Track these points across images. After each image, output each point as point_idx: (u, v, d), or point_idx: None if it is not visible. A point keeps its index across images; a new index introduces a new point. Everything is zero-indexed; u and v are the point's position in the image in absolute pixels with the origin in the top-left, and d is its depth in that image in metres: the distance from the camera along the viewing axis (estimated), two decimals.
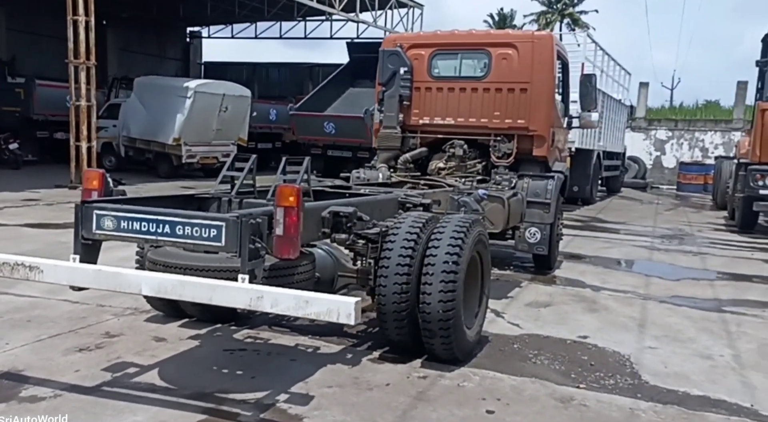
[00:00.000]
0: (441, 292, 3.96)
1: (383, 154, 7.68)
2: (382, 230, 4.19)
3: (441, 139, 7.56)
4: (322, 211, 3.86)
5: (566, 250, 8.89)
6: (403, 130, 7.62)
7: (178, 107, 16.52)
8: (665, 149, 25.63)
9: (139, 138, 17.43)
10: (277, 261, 3.45)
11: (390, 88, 7.53)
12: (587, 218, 13.21)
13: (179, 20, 30.02)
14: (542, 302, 6.06)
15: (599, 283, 7.03)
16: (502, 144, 7.28)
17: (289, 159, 4.48)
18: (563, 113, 8.08)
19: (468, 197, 5.41)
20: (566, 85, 8.19)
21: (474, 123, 7.37)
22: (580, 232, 10.99)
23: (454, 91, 7.43)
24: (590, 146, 15.15)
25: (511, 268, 7.64)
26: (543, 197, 6.99)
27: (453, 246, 4.05)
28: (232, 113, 17.54)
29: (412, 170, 7.61)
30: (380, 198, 4.73)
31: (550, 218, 7.00)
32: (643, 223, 12.78)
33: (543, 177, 7.14)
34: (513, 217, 6.27)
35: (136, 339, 4.32)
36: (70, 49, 13.41)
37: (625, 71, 19.95)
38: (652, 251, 9.38)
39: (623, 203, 17.47)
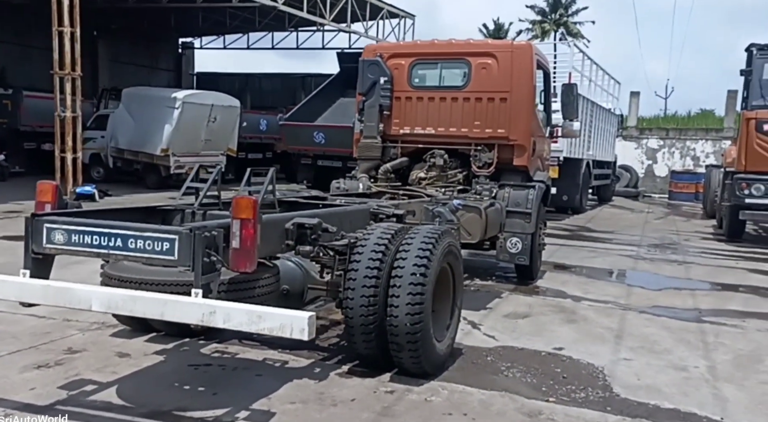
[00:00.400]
0: (408, 304, 3.90)
1: (364, 164, 7.63)
2: (351, 241, 4.13)
3: (422, 149, 7.52)
4: (285, 223, 3.79)
5: (551, 260, 8.83)
6: (384, 140, 7.58)
7: (167, 118, 16.47)
8: (657, 158, 25.67)
9: (127, 149, 17.37)
10: (236, 275, 3.39)
11: (370, 98, 7.49)
12: (575, 228, 13.17)
13: (171, 31, 30.03)
14: (521, 313, 5.99)
15: (581, 293, 6.96)
16: (483, 154, 7.24)
17: (255, 170, 4.42)
18: (545, 123, 8.06)
19: (443, 208, 5.36)
20: (548, 94, 8.17)
21: (454, 133, 7.33)
22: (567, 242, 10.94)
23: (435, 100, 7.40)
24: (579, 155, 15.13)
25: (493, 278, 7.57)
26: (524, 206, 6.94)
27: (421, 258, 3.99)
28: (220, 123, 17.50)
29: (393, 181, 7.56)
30: (350, 209, 4.67)
31: (531, 228, 6.94)
32: (631, 232, 12.74)
33: (524, 187, 7.09)
34: (491, 227, 6.21)
35: (99, 354, 4.24)
36: (56, 60, 13.35)
37: (615, 80, 20.01)
38: (637, 261, 9.33)
39: (613, 212, 17.45)
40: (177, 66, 32.61)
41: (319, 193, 6.34)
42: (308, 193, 6.20)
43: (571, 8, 51.03)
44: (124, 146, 17.41)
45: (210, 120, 17.19)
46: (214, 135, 17.58)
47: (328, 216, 4.21)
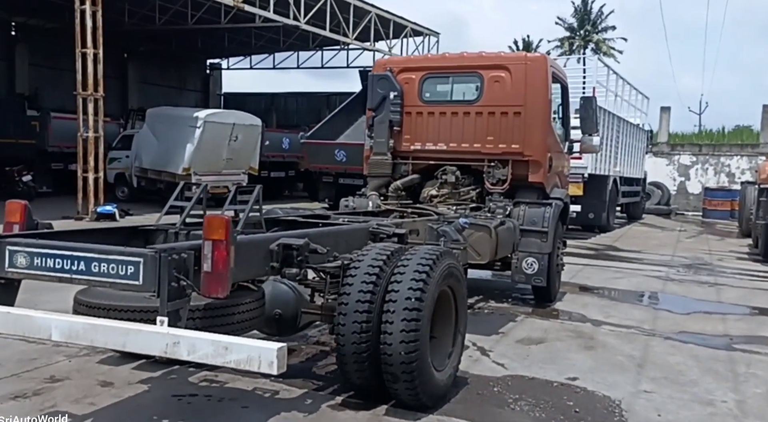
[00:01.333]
0: (403, 331, 3.62)
1: (374, 181, 7.40)
2: (343, 263, 3.88)
3: (433, 165, 7.26)
4: (269, 243, 3.56)
5: (573, 280, 8.45)
6: (394, 156, 7.35)
7: (188, 137, 16.52)
8: (689, 175, 24.93)
9: (151, 168, 17.46)
10: (213, 301, 3.16)
11: (380, 114, 7.28)
12: (601, 247, 12.70)
13: (198, 53, 30.49)
14: (535, 338, 5.64)
15: (602, 317, 6.58)
16: (497, 170, 6.95)
17: (241, 188, 4.21)
18: (563, 138, 7.74)
19: (448, 227, 5.08)
20: (566, 108, 7.86)
21: (467, 148, 7.07)
22: (591, 261, 10.51)
23: (446, 115, 7.15)
24: (605, 172, 14.68)
25: (509, 300, 7.22)
26: (540, 225, 6.62)
27: (417, 281, 3.71)
28: (242, 142, 17.49)
29: (403, 198, 7.31)
30: (346, 228, 4.43)
31: (548, 247, 6.61)
32: (660, 251, 12.22)
33: (540, 204, 6.77)
34: (502, 247, 5.90)
35: (81, 383, 4.04)
36: (79, 81, 13.50)
37: (643, 95, 19.51)
38: (666, 282, 8.86)
39: (643, 230, 16.88)
40: (205, 87, 33.07)
41: (323, 211, 6.12)
42: (312, 211, 5.96)
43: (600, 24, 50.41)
44: (147, 166, 17.52)
45: (231, 139, 17.19)
46: (235, 154, 17.57)
47: (319, 236, 3.97)
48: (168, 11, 21.17)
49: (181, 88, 31.20)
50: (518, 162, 6.88)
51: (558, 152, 7.41)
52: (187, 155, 16.58)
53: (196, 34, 25.96)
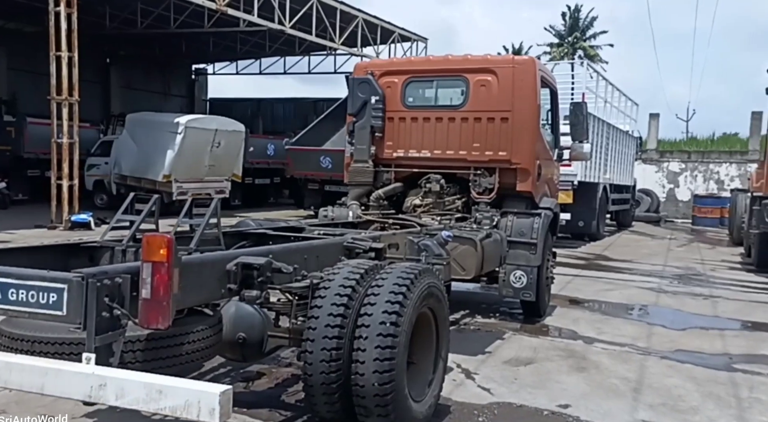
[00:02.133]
0: (377, 360, 3.24)
1: (354, 190, 7.03)
2: (312, 282, 3.51)
3: (417, 173, 6.91)
4: (226, 263, 3.17)
5: (563, 293, 8.11)
6: (376, 164, 6.98)
7: (169, 143, 16.06)
8: (679, 182, 24.76)
9: (130, 175, 16.96)
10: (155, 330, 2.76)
11: (361, 119, 6.92)
12: (591, 256, 12.39)
13: (183, 57, 30.00)
14: (524, 359, 5.28)
15: (594, 333, 6.23)
16: (483, 178, 6.61)
17: (197, 200, 3.83)
18: (552, 145, 7.41)
19: (430, 240, 4.71)
20: (555, 114, 7.54)
21: (452, 156, 6.72)
22: (581, 272, 10.18)
23: (430, 121, 6.80)
24: (594, 179, 14.40)
25: (497, 315, 6.86)
26: (528, 236, 6.28)
27: (392, 303, 3.34)
28: (225, 148, 17.07)
29: (386, 208, 6.95)
30: (318, 243, 4.05)
31: (537, 259, 6.26)
32: (651, 261, 11.93)
33: (529, 214, 6.43)
34: (489, 261, 5.53)
35: (19, 418, 3.62)
36: (53, 85, 13.05)
37: (632, 102, 19.30)
38: (659, 295, 8.54)
39: (633, 238, 16.61)
40: (190, 92, 32.56)
41: (298, 223, 5.75)
42: (286, 223, 5.58)
43: (589, 31, 50.42)
44: (127, 173, 17.02)
45: (214, 145, 16.76)
46: (218, 160, 17.13)
47: (284, 253, 3.60)
48: (150, 15, 20.71)
49: (166, 94, 30.67)
50: (506, 170, 6.54)
51: (547, 160, 7.08)
52: (167, 161, 16.12)
53: (180, 39, 25.49)
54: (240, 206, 20.22)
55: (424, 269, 3.72)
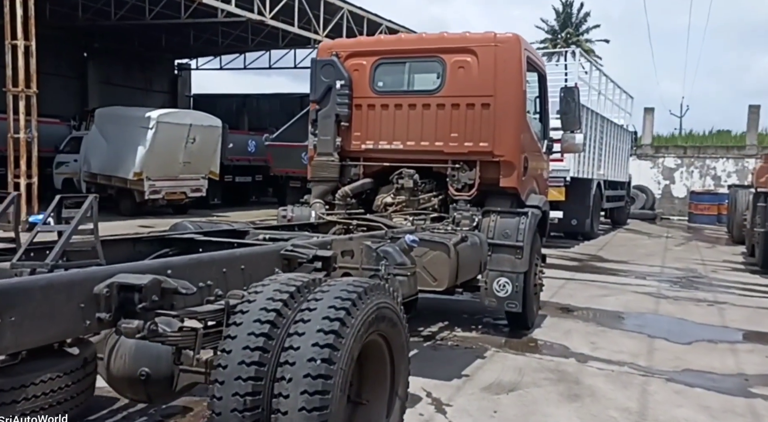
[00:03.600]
0: (303, 410, 2.45)
1: (318, 187, 6.24)
2: (230, 304, 2.73)
3: (388, 167, 6.12)
4: (96, 283, 2.37)
5: (553, 299, 7.35)
6: (342, 157, 6.20)
7: (140, 139, 15.20)
8: (674, 178, 24.06)
9: (100, 173, 16.10)
10: None
11: (325, 107, 6.13)
12: (585, 257, 11.62)
13: (165, 52, 29.08)
14: (507, 383, 4.50)
15: (588, 349, 5.46)
16: (462, 173, 5.83)
17: (66, 199, 3.04)
18: (540, 135, 6.64)
19: (391, 246, 3.92)
20: (544, 101, 6.77)
21: (427, 147, 5.93)
22: (574, 275, 9.42)
23: (402, 108, 6.01)
24: (588, 175, 13.65)
25: (479, 328, 6.09)
26: (514, 238, 5.51)
27: (326, 333, 2.55)
28: (200, 144, 16.21)
29: (354, 207, 6.17)
30: (242, 253, 3.24)
31: (524, 265, 5.49)
32: (649, 262, 11.17)
33: (514, 213, 5.66)
34: (465, 269, 4.74)
35: None
36: (9, 76, 12.18)
37: (627, 95, 18.55)
38: (658, 301, 7.77)
39: (628, 237, 15.87)
40: (173, 88, 31.63)
41: (244, 226, 4.95)
42: (230, 226, 4.77)
43: (582, 26, 49.67)
44: (96, 170, 16.14)
45: (188, 141, 15.89)
46: (193, 157, 16.28)
47: (192, 266, 2.81)
48: (124, 5, 19.84)
49: (147, 90, 29.73)
50: (487, 163, 5.76)
51: (535, 152, 6.31)
52: (138, 158, 15.26)
53: (160, 31, 24.60)
54: (219, 206, 19.39)
55: (373, 285, 2.92)
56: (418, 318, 6.12)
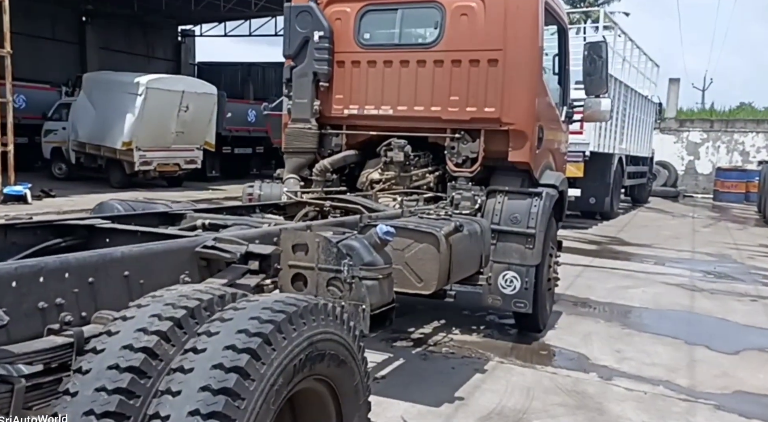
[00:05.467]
0: None
1: (292, 159, 5.27)
2: (81, 339, 1.81)
3: (376, 137, 5.11)
4: None
5: (569, 292, 6.39)
6: (322, 124, 5.20)
7: (128, 106, 14.26)
8: (699, 153, 22.75)
9: (88, 142, 15.21)
10: None
11: (300, 63, 5.12)
12: (605, 239, 10.58)
13: (167, 17, 27.93)
14: (510, 411, 3.55)
15: (613, 360, 4.49)
16: (463, 144, 4.82)
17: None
18: (559, 100, 5.59)
19: (357, 240, 2.92)
20: (564, 59, 5.70)
21: (422, 113, 4.91)
22: (593, 260, 8.41)
23: (393, 65, 4.98)
24: (610, 150, 12.53)
25: (481, 329, 5.13)
26: (524, 224, 4.53)
27: (215, 392, 1.61)
28: (194, 112, 15.24)
29: (335, 184, 5.19)
30: (124, 253, 2.26)
31: (536, 257, 4.52)
32: (676, 246, 10.10)
33: (525, 194, 4.67)
34: (460, 266, 3.73)
35: None
36: None
37: (653, 63, 17.22)
38: (693, 295, 6.75)
39: (651, 217, 14.76)
40: (176, 55, 30.53)
41: (185, 207, 3.99)
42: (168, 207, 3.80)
43: None
44: (84, 139, 15.26)
45: (181, 109, 14.93)
46: (187, 127, 15.32)
47: (24, 278, 1.85)
48: None
49: (150, 57, 28.67)
50: (494, 133, 4.73)
51: (551, 120, 5.26)
52: (127, 126, 14.34)
53: None
54: (217, 178, 18.51)
55: (308, 307, 1.95)
56: (409, 314, 5.18)
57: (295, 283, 2.90)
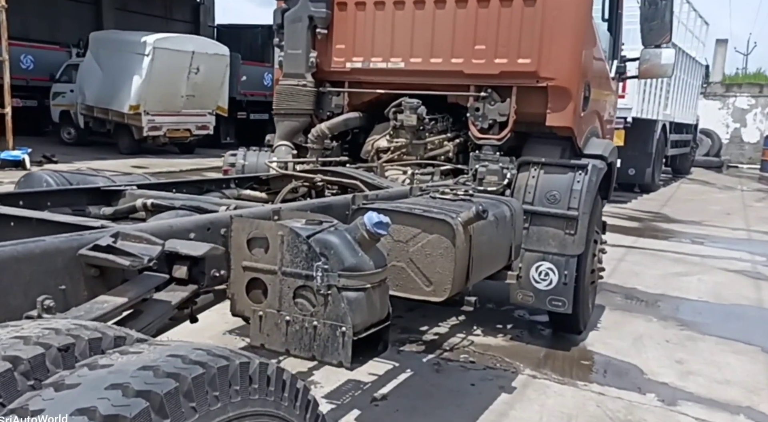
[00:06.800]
0: None
1: (285, 123, 4.42)
2: None
3: (384, 96, 4.22)
4: None
5: (612, 280, 5.48)
6: (320, 81, 4.32)
7: (135, 68, 13.50)
8: (746, 120, 21.27)
9: (96, 106, 14.53)
10: None
11: (294, 6, 4.23)
12: (647, 215, 9.57)
13: None
14: None
15: (674, 376, 3.61)
16: (490, 105, 3.90)
17: None
18: (611, 53, 4.61)
19: (336, 234, 2.05)
20: (616, 3, 4.69)
21: (439, 67, 3.99)
22: (636, 240, 7.45)
23: (405, 7, 4.05)
24: (653, 116, 11.39)
25: (507, 329, 4.28)
26: (564, 204, 3.65)
27: None
28: (205, 75, 14.42)
29: (334, 152, 4.34)
30: None
31: (578, 245, 3.64)
32: (729, 223, 9.06)
33: (566, 167, 3.77)
34: (481, 262, 2.84)
35: None
36: None
37: (703, 20, 15.77)
38: (759, 284, 5.78)
39: (695, 189, 13.62)
40: (195, 17, 29.56)
41: (127, 181, 3.17)
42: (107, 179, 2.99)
43: None
44: (92, 103, 14.59)
45: (191, 71, 14.13)
46: (197, 90, 14.53)
47: None
48: None
49: (167, 18, 27.77)
50: (529, 91, 3.80)
51: (601, 77, 4.31)
52: (134, 89, 13.60)
53: None
54: (232, 145, 17.75)
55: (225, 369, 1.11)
56: (422, 308, 4.35)
57: (252, 292, 2.08)
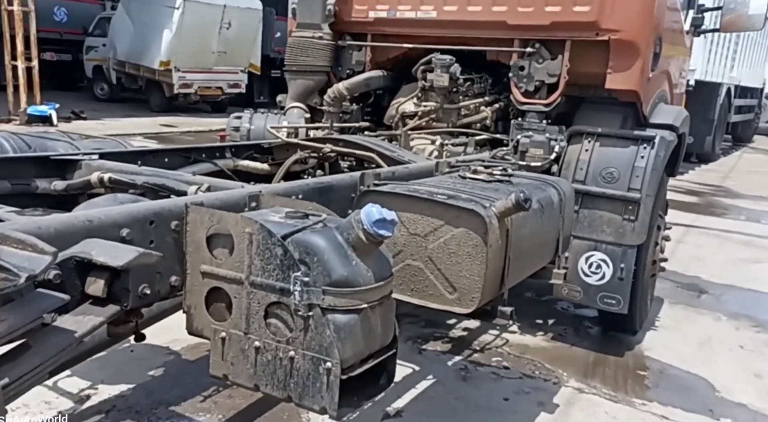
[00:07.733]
0: None
1: (298, 81, 3.87)
2: None
3: (412, 52, 3.61)
4: None
5: (670, 266, 4.77)
6: (339, 33, 3.74)
7: (166, 22, 12.99)
8: None
9: (128, 61, 14.15)
10: None
11: None
12: (707, 189, 8.74)
13: None
14: None
15: (753, 394, 3.01)
16: (537, 64, 3.26)
17: None
18: (685, 3, 3.88)
19: (320, 234, 1.49)
20: None
21: (477, 16, 3.34)
22: (696, 219, 6.72)
23: None
24: (718, 79, 10.38)
25: (548, 326, 3.71)
26: (624, 184, 3.06)
27: None
28: (237, 30, 13.83)
29: (353, 117, 3.78)
30: None
31: (639, 233, 3.04)
32: None
33: (627, 139, 3.14)
34: (521, 263, 2.25)
35: None
36: None
37: None
38: None
39: (759, 160, 12.57)
40: None
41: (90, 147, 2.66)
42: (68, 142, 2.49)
43: None
44: (123, 58, 14.20)
45: (223, 26, 13.56)
46: (229, 46, 13.98)
47: None
48: None
49: None
50: (586, 46, 3.13)
51: (674, 30, 3.59)
52: (164, 44, 13.13)
53: None
54: (265, 104, 17.26)
55: None
56: None
57: (213, 305, 1.57)
